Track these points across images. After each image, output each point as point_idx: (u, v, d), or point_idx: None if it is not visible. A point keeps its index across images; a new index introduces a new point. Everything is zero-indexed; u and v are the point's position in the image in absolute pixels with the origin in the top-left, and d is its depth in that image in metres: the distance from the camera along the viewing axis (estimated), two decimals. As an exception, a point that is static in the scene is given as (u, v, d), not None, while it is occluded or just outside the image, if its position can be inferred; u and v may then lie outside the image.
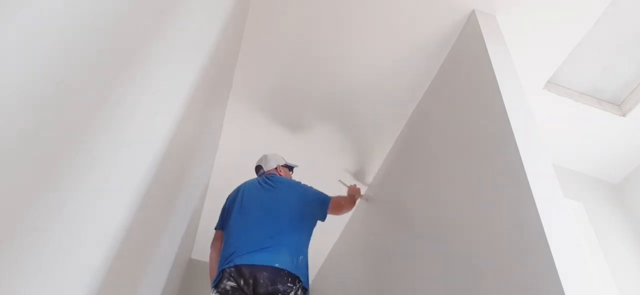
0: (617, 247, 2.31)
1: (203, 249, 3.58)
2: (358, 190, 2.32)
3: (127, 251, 0.98)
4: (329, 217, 2.02)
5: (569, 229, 1.01)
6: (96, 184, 0.68)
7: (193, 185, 2.15)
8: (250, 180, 2.07)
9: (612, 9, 1.89)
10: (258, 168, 2.19)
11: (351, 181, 2.81)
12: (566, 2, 1.76)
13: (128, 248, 0.98)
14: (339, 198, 2.11)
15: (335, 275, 3.19)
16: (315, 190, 2.03)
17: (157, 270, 1.71)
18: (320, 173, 2.91)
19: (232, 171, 2.84)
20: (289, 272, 1.57)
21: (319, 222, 1.99)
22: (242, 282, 1.55)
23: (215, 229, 1.97)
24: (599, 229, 2.33)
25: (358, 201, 2.37)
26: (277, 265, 1.56)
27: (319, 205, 1.96)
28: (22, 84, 0.42)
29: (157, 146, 1.01)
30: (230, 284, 1.56)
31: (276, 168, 2.16)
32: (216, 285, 1.59)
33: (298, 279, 1.59)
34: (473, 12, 1.82)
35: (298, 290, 1.57)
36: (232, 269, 1.57)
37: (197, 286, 3.54)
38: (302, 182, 2.06)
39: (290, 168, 2.27)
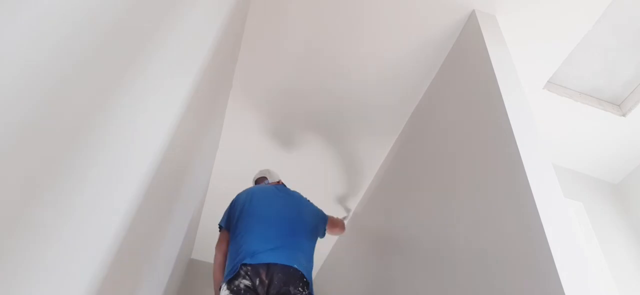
0: (617, 247, 2.31)
1: (203, 249, 3.58)
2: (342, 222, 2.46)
3: (127, 251, 0.98)
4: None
5: (569, 229, 1.01)
6: (96, 184, 0.68)
7: (193, 185, 2.15)
8: (261, 185, 2.11)
9: (612, 9, 1.89)
10: (262, 179, 2.23)
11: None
12: (566, 2, 1.77)
13: (128, 248, 0.98)
14: (333, 218, 2.24)
15: (335, 274, 3.19)
16: (317, 206, 2.11)
17: (157, 271, 1.71)
18: (320, 172, 2.91)
19: (233, 171, 2.84)
20: (303, 274, 1.59)
21: None
22: (257, 281, 1.54)
23: (221, 227, 1.93)
24: (599, 229, 2.33)
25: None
26: (295, 266, 1.59)
27: (321, 221, 2.06)
28: (22, 84, 0.42)
29: (157, 146, 1.01)
30: (245, 283, 1.55)
31: (279, 182, 2.23)
32: (229, 280, 1.57)
33: (307, 286, 1.60)
34: (473, 12, 1.82)
35: None
36: (249, 268, 1.56)
37: (197, 286, 3.54)
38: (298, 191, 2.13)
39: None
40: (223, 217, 1.96)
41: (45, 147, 0.50)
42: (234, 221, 1.85)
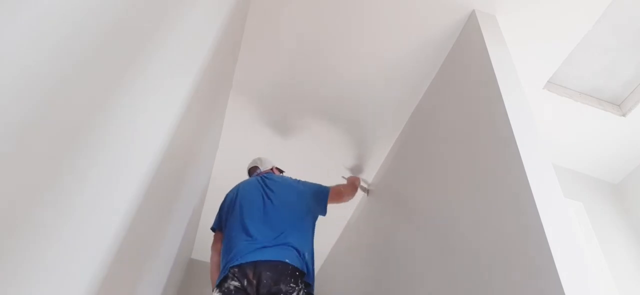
0: (617, 247, 2.31)
1: (203, 249, 3.59)
2: (357, 179, 2.39)
3: (127, 251, 0.98)
4: (331, 213, 2.01)
5: (569, 229, 1.01)
6: (96, 184, 0.68)
7: (193, 185, 2.15)
8: (247, 180, 2.06)
9: (612, 9, 1.89)
10: (254, 169, 2.21)
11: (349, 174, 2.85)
12: (566, 2, 1.77)
13: (128, 248, 0.98)
14: (339, 186, 2.13)
15: (336, 274, 3.19)
16: (312, 184, 2.03)
17: (157, 270, 1.71)
18: (320, 172, 2.91)
19: (232, 171, 2.84)
20: (294, 267, 1.55)
21: (321, 218, 1.99)
22: (245, 282, 1.52)
23: (213, 229, 1.94)
24: (599, 229, 2.33)
25: (359, 189, 2.43)
26: (286, 260, 1.55)
27: (317, 200, 1.96)
28: (22, 84, 0.42)
29: (157, 146, 1.01)
30: (234, 284, 1.53)
31: (271, 169, 2.20)
32: (219, 284, 1.57)
33: (302, 278, 1.56)
34: (473, 12, 1.82)
35: (301, 291, 1.54)
36: (236, 269, 1.55)
37: (197, 286, 3.54)
38: (299, 178, 2.06)
39: (280, 171, 2.29)
40: (215, 219, 1.96)
41: (45, 147, 0.50)
42: (224, 221, 1.85)
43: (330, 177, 2.88)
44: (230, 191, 2.00)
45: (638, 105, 2.23)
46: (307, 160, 2.83)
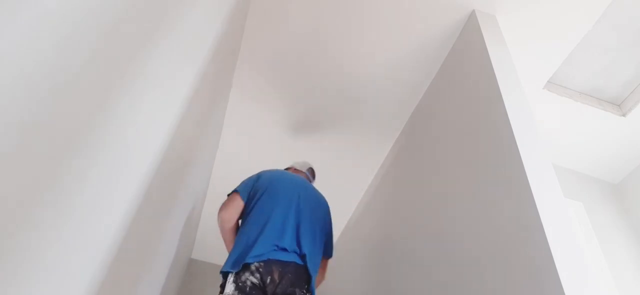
0: (617, 246, 2.31)
1: (203, 249, 3.58)
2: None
3: (127, 251, 0.98)
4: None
5: (569, 229, 1.01)
6: (96, 184, 0.68)
7: (193, 185, 2.15)
8: (290, 173, 1.88)
9: (612, 9, 1.89)
10: (289, 168, 2.11)
11: None
12: (566, 2, 1.77)
13: (128, 248, 0.98)
14: (326, 265, 1.83)
15: (336, 273, 3.19)
16: (331, 232, 1.86)
17: (157, 270, 1.70)
18: (320, 172, 2.91)
19: (233, 171, 2.84)
20: (311, 277, 1.52)
21: None
22: (268, 279, 1.44)
23: (238, 193, 1.71)
24: (599, 229, 2.33)
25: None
26: (310, 268, 1.51)
27: (330, 246, 1.83)
28: (22, 84, 0.42)
29: (157, 146, 1.01)
30: (252, 280, 1.43)
31: (307, 171, 2.13)
32: (237, 273, 1.45)
33: (312, 292, 1.54)
34: (473, 12, 1.82)
35: None
36: (262, 263, 1.45)
37: (197, 286, 3.54)
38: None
39: (313, 176, 2.21)
40: (244, 186, 1.73)
41: (45, 147, 0.50)
42: (254, 199, 1.67)
43: (329, 176, 2.89)
44: (267, 173, 1.82)
45: (638, 105, 2.23)
46: (306, 157, 2.83)
